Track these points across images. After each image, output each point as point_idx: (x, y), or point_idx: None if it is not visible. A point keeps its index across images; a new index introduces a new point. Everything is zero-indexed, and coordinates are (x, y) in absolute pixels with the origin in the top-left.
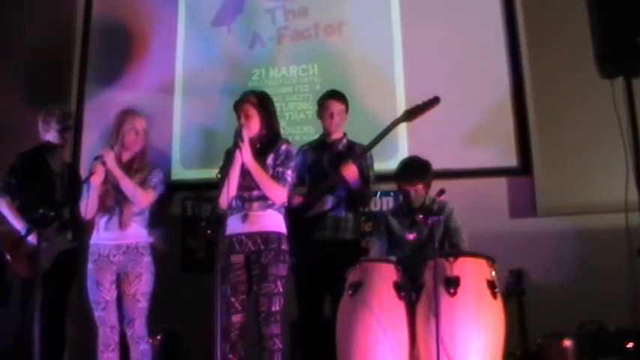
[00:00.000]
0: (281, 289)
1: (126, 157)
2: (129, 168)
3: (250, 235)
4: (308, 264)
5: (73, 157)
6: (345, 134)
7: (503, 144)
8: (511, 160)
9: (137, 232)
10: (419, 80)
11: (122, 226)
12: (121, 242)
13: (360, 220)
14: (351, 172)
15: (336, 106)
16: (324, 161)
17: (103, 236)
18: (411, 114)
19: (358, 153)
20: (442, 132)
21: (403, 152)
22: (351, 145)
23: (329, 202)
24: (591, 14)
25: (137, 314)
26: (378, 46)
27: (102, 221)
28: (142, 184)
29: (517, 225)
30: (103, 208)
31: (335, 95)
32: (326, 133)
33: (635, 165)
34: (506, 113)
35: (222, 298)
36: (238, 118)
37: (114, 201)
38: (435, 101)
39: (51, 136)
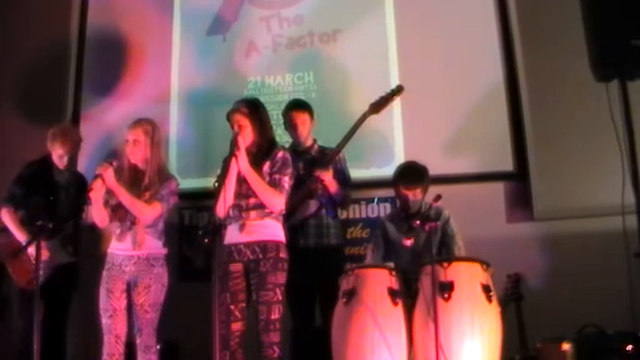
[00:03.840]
0: (280, 298)
1: (136, 167)
2: (138, 184)
3: (248, 245)
4: (294, 272)
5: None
6: (315, 140)
7: (499, 149)
8: (507, 165)
9: (149, 244)
10: (414, 86)
11: (136, 242)
12: (132, 253)
13: (340, 224)
14: (326, 176)
15: (298, 117)
16: (299, 169)
17: (116, 246)
18: (377, 106)
19: (330, 155)
20: (438, 137)
21: (400, 158)
22: (322, 150)
23: (310, 208)
24: (586, 18)
25: (145, 325)
26: (372, 53)
27: (117, 231)
28: (151, 198)
29: (514, 229)
30: (117, 218)
31: (296, 106)
32: (296, 143)
33: (631, 168)
34: (502, 118)
35: (221, 307)
36: (232, 127)
37: (125, 212)
38: (398, 90)
39: (54, 157)
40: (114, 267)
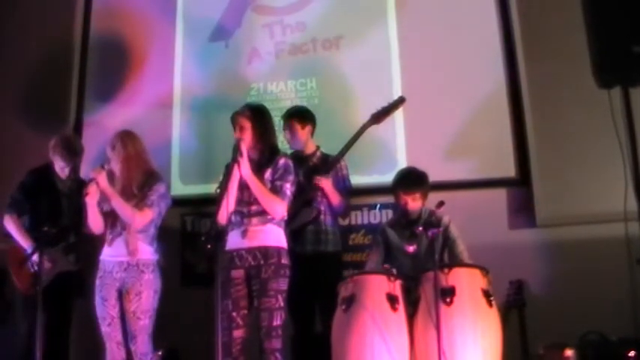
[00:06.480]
0: (282, 304)
1: (122, 175)
2: (126, 192)
3: (250, 250)
4: (292, 279)
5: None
6: (318, 147)
7: (502, 155)
8: (509, 171)
9: (140, 249)
10: (417, 93)
11: (129, 249)
12: (122, 259)
13: (340, 231)
14: (325, 183)
15: (292, 127)
16: (299, 175)
17: (107, 253)
18: (378, 117)
19: (330, 164)
20: (440, 144)
21: (402, 165)
22: (325, 157)
23: (307, 215)
24: (588, 24)
25: (139, 331)
26: (375, 60)
27: (109, 237)
28: (139, 203)
29: (516, 236)
30: (107, 224)
31: (289, 116)
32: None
33: (633, 174)
34: (504, 124)
35: (223, 314)
36: (235, 130)
37: (115, 217)
38: (400, 101)
39: (56, 167)
40: (106, 274)
